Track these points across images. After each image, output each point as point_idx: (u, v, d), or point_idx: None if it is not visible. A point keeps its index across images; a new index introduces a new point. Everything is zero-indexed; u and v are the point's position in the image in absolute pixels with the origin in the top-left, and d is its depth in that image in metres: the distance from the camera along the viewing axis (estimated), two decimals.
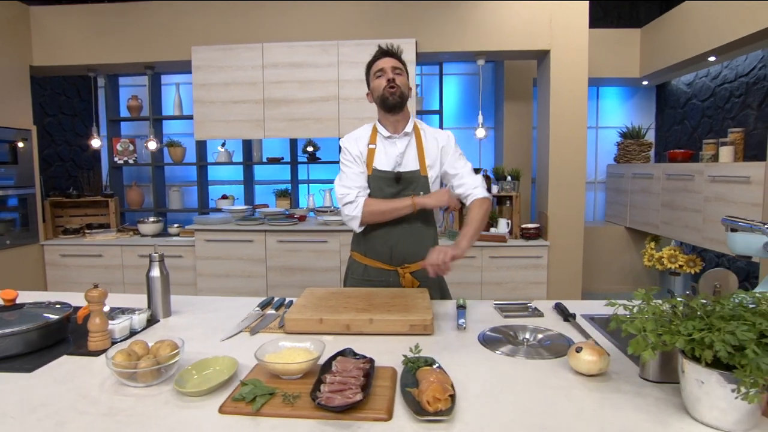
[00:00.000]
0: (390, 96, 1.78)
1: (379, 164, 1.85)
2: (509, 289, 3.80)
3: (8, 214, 3.82)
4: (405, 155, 1.85)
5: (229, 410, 0.97)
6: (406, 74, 1.84)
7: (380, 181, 1.84)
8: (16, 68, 3.88)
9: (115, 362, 1.08)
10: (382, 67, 1.79)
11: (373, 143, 1.87)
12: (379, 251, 1.87)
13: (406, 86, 1.82)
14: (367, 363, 1.12)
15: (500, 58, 4.18)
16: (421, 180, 1.84)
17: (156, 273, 1.60)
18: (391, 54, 1.82)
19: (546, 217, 3.86)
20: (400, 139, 1.85)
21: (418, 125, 1.91)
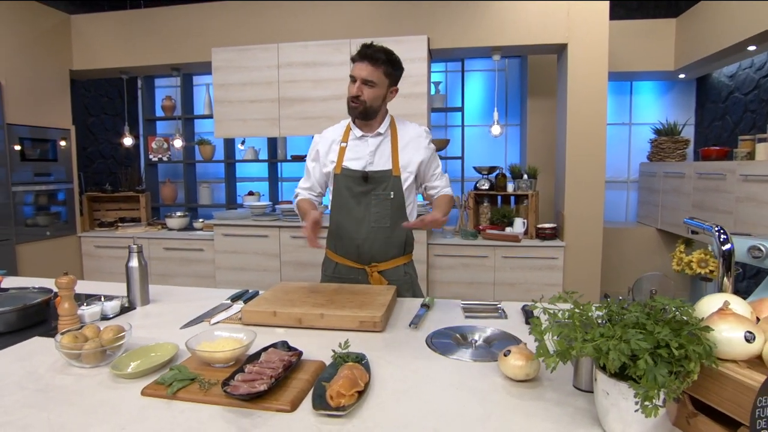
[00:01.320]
0: (351, 109, 1.78)
1: (349, 163, 1.83)
2: (523, 291, 3.71)
3: (49, 208, 4.12)
4: (377, 154, 1.83)
5: (149, 392, 1.02)
6: (386, 79, 1.75)
7: (348, 180, 1.84)
8: (57, 73, 4.19)
9: (62, 344, 1.15)
10: (353, 75, 1.74)
11: (345, 141, 1.87)
12: (347, 249, 1.88)
13: (375, 99, 1.74)
14: (295, 356, 1.14)
15: (516, 53, 4.07)
16: (392, 180, 1.81)
17: (134, 263, 1.69)
18: (369, 58, 1.71)
19: (562, 217, 3.73)
20: (372, 137, 1.84)
21: (396, 124, 1.88)
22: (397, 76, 1.81)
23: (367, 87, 1.72)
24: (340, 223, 1.89)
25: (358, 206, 1.84)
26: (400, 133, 1.86)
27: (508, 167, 4.03)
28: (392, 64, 1.76)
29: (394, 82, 1.81)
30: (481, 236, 3.88)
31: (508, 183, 3.89)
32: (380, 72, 1.72)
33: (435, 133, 4.99)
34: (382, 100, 1.79)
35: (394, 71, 1.78)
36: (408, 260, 1.94)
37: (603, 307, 0.86)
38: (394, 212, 1.82)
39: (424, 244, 3.75)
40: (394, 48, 3.79)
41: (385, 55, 1.73)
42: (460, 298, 3.73)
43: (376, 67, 1.71)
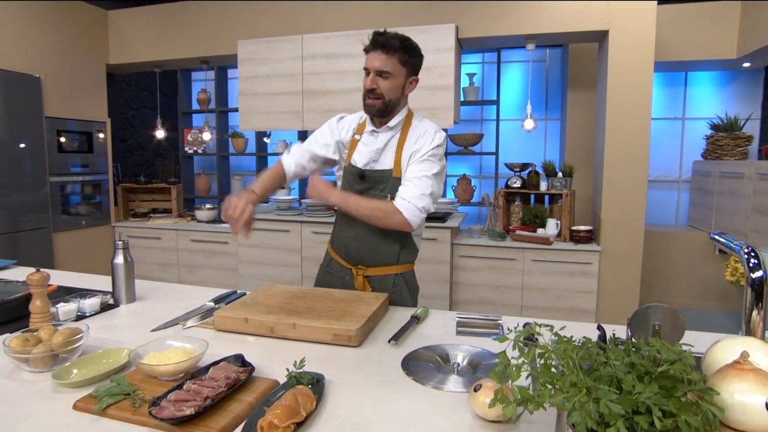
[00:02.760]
0: (368, 107, 1.62)
1: (356, 158, 1.70)
2: (553, 297, 3.46)
3: (84, 198, 4.26)
4: (384, 151, 1.67)
5: (80, 406, 0.95)
6: (403, 68, 1.57)
7: (350, 176, 1.71)
8: (94, 67, 4.31)
9: (10, 346, 1.10)
10: (367, 66, 1.59)
11: (360, 134, 1.72)
12: (339, 246, 1.78)
13: (393, 90, 1.58)
14: (245, 372, 1.04)
15: (553, 42, 3.78)
16: (391, 181, 1.65)
17: (120, 260, 1.64)
18: (382, 46, 1.54)
19: (599, 219, 3.44)
20: (383, 133, 1.67)
21: (413, 120, 1.69)
22: (416, 64, 1.63)
23: (383, 78, 1.57)
24: (338, 218, 1.80)
25: None
26: (411, 131, 1.67)
27: (541, 164, 3.76)
28: (409, 51, 1.57)
29: (412, 71, 1.63)
30: (510, 237, 3.66)
31: (541, 181, 3.64)
32: (395, 60, 1.55)
33: (468, 127, 4.78)
34: (401, 92, 1.62)
35: (412, 59, 1.59)
36: (402, 271, 1.75)
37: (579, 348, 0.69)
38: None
39: (448, 243, 3.58)
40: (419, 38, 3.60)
41: (399, 41, 1.55)
42: (486, 303, 3.56)
43: (390, 55, 1.54)
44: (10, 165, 3.64)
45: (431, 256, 3.61)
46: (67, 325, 1.20)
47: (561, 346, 0.68)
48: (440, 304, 3.63)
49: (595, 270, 3.36)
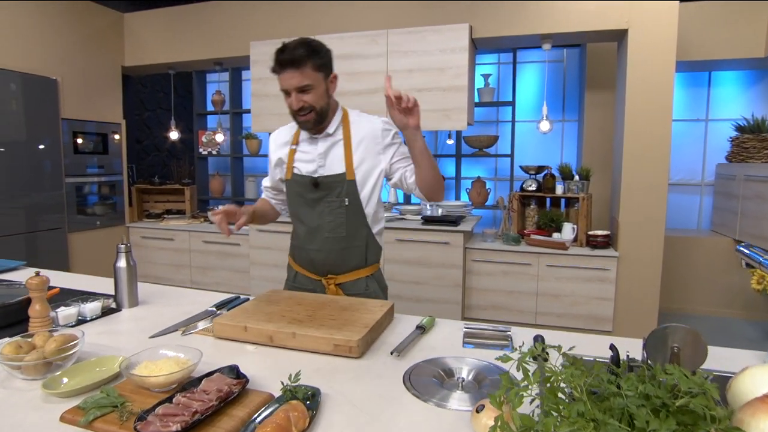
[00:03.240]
0: (304, 124, 1.56)
1: (299, 166, 1.65)
2: (569, 304, 3.37)
3: (99, 199, 4.30)
4: (328, 156, 1.61)
5: (67, 418, 0.92)
6: (318, 73, 1.49)
7: (299, 186, 1.65)
8: (110, 69, 4.35)
9: (2, 353, 1.08)
10: (285, 88, 1.50)
11: (296, 143, 1.66)
12: (303, 259, 1.73)
13: (319, 99, 1.51)
14: (239, 385, 0.99)
15: (570, 41, 3.68)
16: (345, 185, 1.60)
17: (122, 264, 1.62)
18: (290, 63, 1.45)
19: (617, 224, 3.33)
20: (322, 139, 1.62)
21: (350, 119, 1.64)
22: (327, 62, 1.55)
23: (306, 93, 1.49)
24: (295, 232, 1.75)
25: (311, 214, 1.66)
26: (354, 130, 1.62)
27: (557, 167, 3.67)
28: (316, 53, 1.49)
29: (328, 70, 1.55)
30: (524, 242, 3.57)
31: (557, 184, 3.54)
32: (309, 69, 1.47)
33: (483, 128, 4.71)
34: (328, 96, 1.56)
35: (322, 59, 1.51)
36: (371, 272, 1.72)
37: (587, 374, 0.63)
38: (351, 220, 1.63)
39: (460, 247, 3.51)
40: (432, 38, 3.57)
41: (304, 49, 1.46)
42: (499, 308, 3.49)
43: (303, 68, 1.46)
44: (29, 166, 3.70)
45: (443, 261, 3.54)
46: (62, 331, 1.17)
47: (568, 371, 0.62)
48: (452, 309, 3.56)
49: (613, 276, 3.26)
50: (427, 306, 3.61)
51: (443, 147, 4.87)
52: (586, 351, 1.25)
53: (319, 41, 1.53)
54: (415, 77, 3.59)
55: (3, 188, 3.55)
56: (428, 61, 3.53)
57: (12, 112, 3.57)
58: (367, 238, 1.69)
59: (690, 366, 0.74)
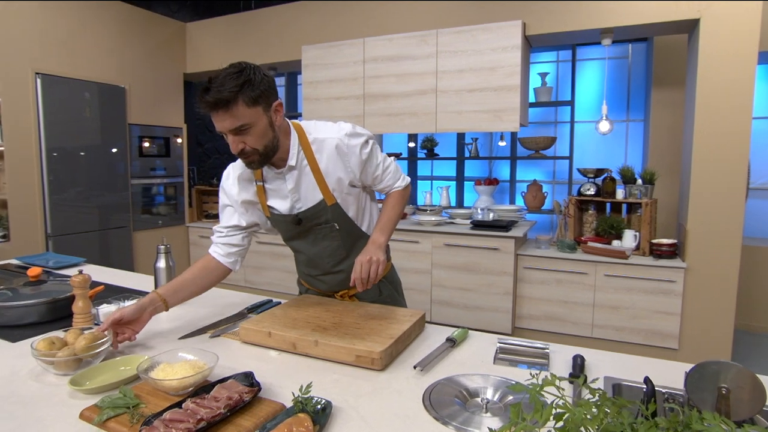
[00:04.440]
0: (248, 165, 1.36)
1: (274, 204, 1.48)
2: (629, 317, 3.13)
3: (162, 199, 4.55)
4: (300, 189, 1.45)
5: (85, 415, 0.94)
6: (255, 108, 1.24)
7: (282, 224, 1.51)
8: (173, 76, 4.60)
9: (37, 348, 1.13)
10: (220, 130, 1.28)
11: (260, 179, 1.47)
12: (310, 281, 1.67)
13: (262, 137, 1.29)
14: (250, 393, 0.97)
15: (634, 35, 3.41)
16: (329, 211, 1.47)
17: (162, 264, 1.67)
18: (219, 105, 1.20)
19: (685, 232, 3.05)
20: (287, 172, 1.43)
21: (309, 139, 1.42)
22: (265, 92, 1.26)
23: (244, 135, 1.27)
24: (297, 260, 1.66)
25: (305, 244, 1.55)
26: (316, 149, 1.43)
27: (618, 170, 3.42)
28: (249, 85, 1.22)
29: (268, 100, 1.28)
30: (580, 249, 3.36)
31: (618, 188, 3.30)
32: (242, 107, 1.23)
33: (540, 130, 4.51)
34: (273, 130, 1.32)
35: (257, 91, 1.24)
36: (384, 275, 1.63)
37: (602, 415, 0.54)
38: (346, 239, 1.53)
39: (511, 254, 3.36)
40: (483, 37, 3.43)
41: (232, 83, 1.20)
42: (552, 319, 3.30)
43: (233, 107, 1.22)
44: (103, 168, 3.99)
45: (492, 267, 3.41)
46: (94, 329, 1.21)
47: (581, 411, 0.53)
48: (502, 318, 3.42)
49: (680, 289, 2.98)
50: (476, 314, 3.49)
51: (496, 149, 4.71)
52: (634, 374, 1.13)
53: (254, 66, 1.27)
54: (465, 77, 3.49)
55: (82, 189, 3.84)
56: (479, 60, 3.42)
57: (86, 118, 3.85)
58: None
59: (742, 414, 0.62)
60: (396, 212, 1.58)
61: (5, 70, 3.37)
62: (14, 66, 3.41)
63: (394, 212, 1.57)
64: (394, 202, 1.59)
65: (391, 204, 1.58)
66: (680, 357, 3.04)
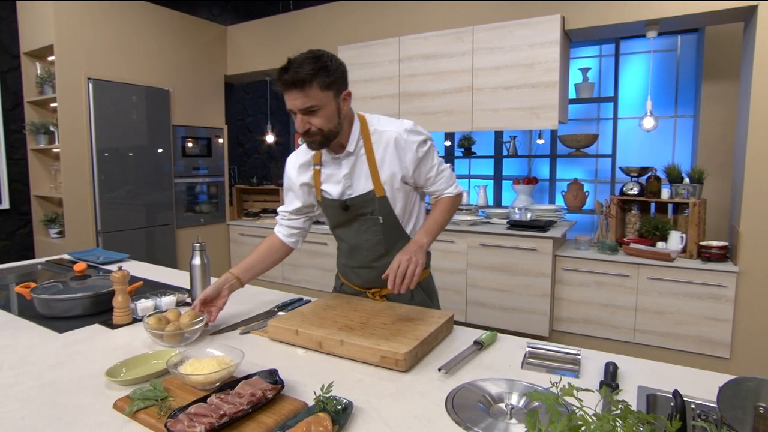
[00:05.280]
0: (308, 144, 1.43)
1: (327, 188, 1.56)
2: (674, 323, 2.98)
3: (204, 198, 4.70)
4: (354, 176, 1.51)
5: (118, 405, 0.98)
6: (327, 92, 1.33)
7: (331, 209, 1.58)
8: (214, 78, 4.74)
9: (149, 323, 1.29)
10: (290, 108, 1.36)
11: (319, 163, 1.56)
12: (347, 273, 1.68)
13: (328, 121, 1.36)
14: (274, 390, 0.99)
15: (682, 25, 3.23)
16: (377, 202, 1.50)
17: (197, 261, 1.72)
18: (294, 84, 1.30)
19: (738, 234, 2.87)
20: (344, 158, 1.51)
21: (370, 129, 1.50)
22: (339, 79, 1.36)
23: (312, 116, 1.35)
24: (338, 249, 1.70)
25: (348, 234, 1.60)
26: (375, 140, 1.49)
27: (663, 169, 3.26)
28: (325, 71, 1.32)
29: (339, 88, 1.38)
30: (622, 250, 3.23)
31: (663, 188, 3.15)
32: (316, 89, 1.31)
33: (582, 127, 4.37)
34: (339, 116, 1.40)
35: (332, 77, 1.33)
36: (419, 280, 1.59)
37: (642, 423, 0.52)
38: (388, 236, 1.54)
39: (549, 255, 3.27)
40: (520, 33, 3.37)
41: (310, 68, 1.29)
42: (591, 322, 3.19)
43: (308, 88, 1.30)
44: (150, 168, 4.18)
45: (529, 268, 3.33)
46: (189, 310, 1.37)
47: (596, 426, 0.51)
48: (539, 320, 3.34)
49: (731, 294, 2.82)
50: (512, 316, 3.42)
51: (535, 147, 4.60)
52: (672, 385, 1.07)
53: (330, 54, 1.37)
54: (502, 74, 3.42)
55: (130, 188, 4.03)
56: (516, 57, 3.34)
57: (133, 120, 4.03)
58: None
59: None
60: (444, 218, 1.56)
61: (63, 77, 3.57)
62: (70, 73, 3.61)
63: (442, 217, 1.55)
64: (444, 208, 1.57)
65: (440, 209, 1.57)
66: (732, 366, 2.87)
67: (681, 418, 0.55)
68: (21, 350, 1.29)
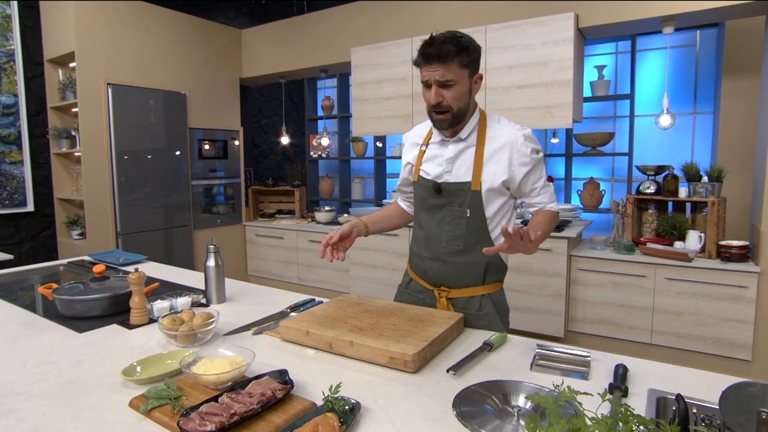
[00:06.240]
0: (437, 122, 1.48)
1: (426, 169, 1.58)
2: (693, 324, 2.93)
3: (220, 199, 4.77)
4: (457, 161, 1.52)
5: (133, 404, 1.01)
6: (465, 70, 1.40)
7: (423, 190, 1.59)
8: (230, 81, 4.81)
9: (163, 324, 1.32)
10: (427, 79, 1.42)
11: (426, 144, 1.61)
12: (418, 266, 1.66)
13: (460, 98, 1.42)
14: (283, 390, 1.01)
15: (700, 20, 3.16)
16: (469, 194, 1.50)
17: (211, 263, 1.75)
18: (436, 57, 1.36)
19: (759, 234, 2.81)
20: (453, 143, 1.53)
21: (487, 123, 1.52)
22: (476, 60, 1.44)
23: (447, 89, 1.40)
24: (414, 237, 1.69)
25: (430, 221, 1.59)
26: (490, 136, 1.50)
27: (681, 167, 3.21)
28: (466, 50, 1.38)
29: (474, 69, 1.45)
30: (638, 250, 3.19)
31: (680, 186, 3.10)
32: (456, 66, 1.38)
33: (598, 125, 4.31)
34: (469, 97, 1.46)
35: (471, 57, 1.41)
36: (489, 291, 1.59)
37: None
38: (471, 234, 1.52)
39: (564, 255, 3.24)
40: (534, 31, 3.36)
41: (453, 44, 1.36)
42: (607, 323, 3.15)
43: (449, 63, 1.37)
44: (168, 170, 4.26)
45: (544, 268, 3.31)
46: (202, 311, 1.39)
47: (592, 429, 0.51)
48: (554, 320, 3.31)
49: (752, 295, 2.76)
50: (526, 316, 3.40)
51: (549, 146, 4.56)
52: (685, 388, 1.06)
53: (470, 37, 1.43)
54: (515, 74, 3.40)
55: (149, 190, 4.12)
56: (529, 55, 3.32)
57: (151, 124, 4.11)
58: (491, 258, 1.54)
59: None
60: (548, 227, 1.49)
61: (84, 83, 3.67)
62: (90, 79, 3.70)
63: (547, 225, 1.49)
64: (547, 218, 1.52)
65: (544, 218, 1.52)
66: (753, 369, 2.81)
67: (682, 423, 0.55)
68: (43, 349, 1.34)
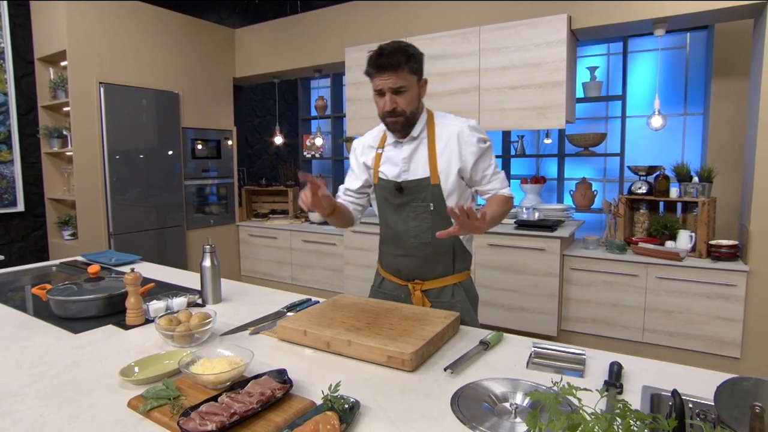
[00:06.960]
0: (392, 125, 1.58)
1: (385, 170, 1.66)
2: (683, 322, 2.97)
3: (213, 199, 4.75)
4: (412, 160, 1.62)
5: (133, 404, 1.01)
6: (413, 76, 1.53)
7: (385, 191, 1.68)
8: (223, 81, 4.79)
9: (160, 324, 1.31)
10: (381, 87, 1.52)
11: (382, 147, 1.69)
12: (389, 264, 1.73)
13: (411, 103, 1.54)
14: (282, 390, 1.01)
15: (691, 23, 3.20)
16: (430, 189, 1.60)
17: (207, 263, 1.75)
18: (388, 67, 1.48)
19: (748, 233, 2.85)
20: (407, 142, 1.63)
21: (435, 120, 1.64)
22: (421, 66, 1.58)
23: (399, 95, 1.52)
24: (382, 236, 1.77)
25: (397, 219, 1.68)
26: (439, 132, 1.61)
27: (672, 167, 3.25)
28: (414, 58, 1.52)
29: (420, 75, 1.59)
30: (630, 250, 3.22)
31: (672, 186, 3.14)
32: (406, 73, 1.51)
33: (590, 126, 4.35)
34: (419, 100, 1.60)
35: (417, 63, 1.55)
36: (459, 280, 1.69)
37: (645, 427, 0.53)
38: (437, 225, 1.57)
39: (557, 255, 3.27)
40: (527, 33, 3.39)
41: (402, 54, 1.49)
42: (600, 322, 3.18)
43: (400, 71, 1.49)
44: (160, 170, 4.23)
45: (537, 268, 3.33)
46: (199, 311, 1.39)
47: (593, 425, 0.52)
48: (547, 320, 3.34)
49: (741, 294, 2.80)
50: (520, 315, 3.43)
51: (543, 146, 4.59)
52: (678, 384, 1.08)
53: (413, 45, 1.56)
54: (509, 75, 3.43)
55: (141, 190, 4.09)
56: (522, 57, 3.34)
57: (144, 123, 4.09)
58: (455, 245, 1.66)
59: None
60: (499, 211, 1.58)
61: (75, 82, 3.64)
62: (82, 78, 3.67)
63: (498, 209, 1.58)
64: (498, 202, 1.61)
65: (495, 202, 1.61)
66: (743, 366, 2.85)
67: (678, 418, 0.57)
68: (38, 350, 1.33)
